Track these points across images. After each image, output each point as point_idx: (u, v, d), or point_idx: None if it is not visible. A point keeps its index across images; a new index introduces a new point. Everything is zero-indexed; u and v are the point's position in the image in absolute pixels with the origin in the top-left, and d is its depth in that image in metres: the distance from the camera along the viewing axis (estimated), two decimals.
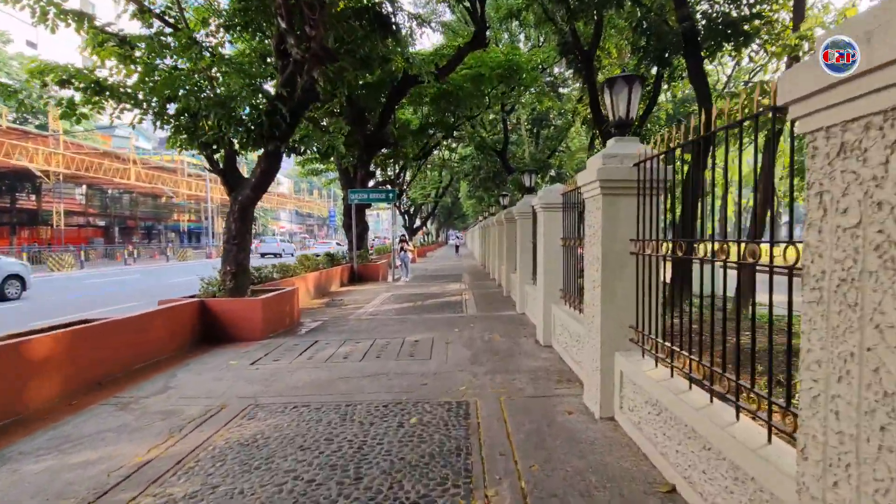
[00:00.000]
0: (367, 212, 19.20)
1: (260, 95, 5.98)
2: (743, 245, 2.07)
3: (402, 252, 15.02)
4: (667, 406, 2.70)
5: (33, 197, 34.49)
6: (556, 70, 22.05)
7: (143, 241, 46.77)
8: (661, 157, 3.04)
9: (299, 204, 64.10)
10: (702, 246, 2.44)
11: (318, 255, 14.15)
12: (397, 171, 18.08)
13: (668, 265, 5.97)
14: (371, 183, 18.66)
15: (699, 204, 3.10)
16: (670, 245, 2.87)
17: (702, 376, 2.50)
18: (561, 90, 22.91)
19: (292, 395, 4.32)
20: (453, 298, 10.83)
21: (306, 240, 57.72)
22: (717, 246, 2.25)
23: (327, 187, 20.83)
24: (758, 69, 23.17)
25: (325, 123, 13.16)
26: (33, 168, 23.29)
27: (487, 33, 12.26)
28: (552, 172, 23.23)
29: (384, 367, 5.16)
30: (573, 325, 4.82)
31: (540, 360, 5.34)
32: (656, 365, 3.08)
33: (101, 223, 41.84)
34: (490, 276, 16.15)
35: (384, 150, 16.65)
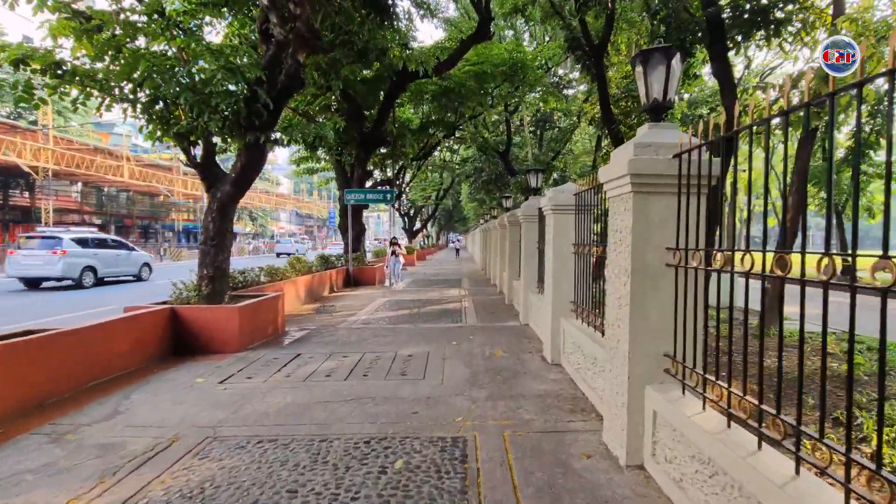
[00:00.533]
0: (368, 213, 18.59)
1: (238, 80, 5.34)
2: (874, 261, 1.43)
3: (394, 256, 13.71)
4: (726, 469, 2.06)
5: (27, 194, 33.97)
6: (560, 71, 21.53)
7: (140, 241, 46.33)
8: (718, 141, 2.40)
9: (298, 204, 63.55)
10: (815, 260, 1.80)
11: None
12: (396, 171, 17.46)
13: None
14: (369, 184, 18.06)
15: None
16: (753, 259, 2.22)
17: (781, 436, 1.86)
18: (566, 91, 22.38)
19: (259, 425, 3.67)
20: (452, 306, 10.19)
21: (305, 241, 57.01)
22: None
23: (324, 186, 20.10)
24: (767, 71, 22.58)
25: (320, 120, 12.55)
26: (21, 163, 22.69)
27: (491, 26, 11.66)
28: (555, 175, 22.65)
29: (370, 389, 4.51)
30: (588, 346, 4.18)
31: (548, 383, 4.69)
32: (704, 408, 2.44)
33: (98, 221, 41.38)
34: (490, 281, 15.51)
35: (383, 150, 16.05)
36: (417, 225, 38.52)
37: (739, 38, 6.62)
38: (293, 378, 4.92)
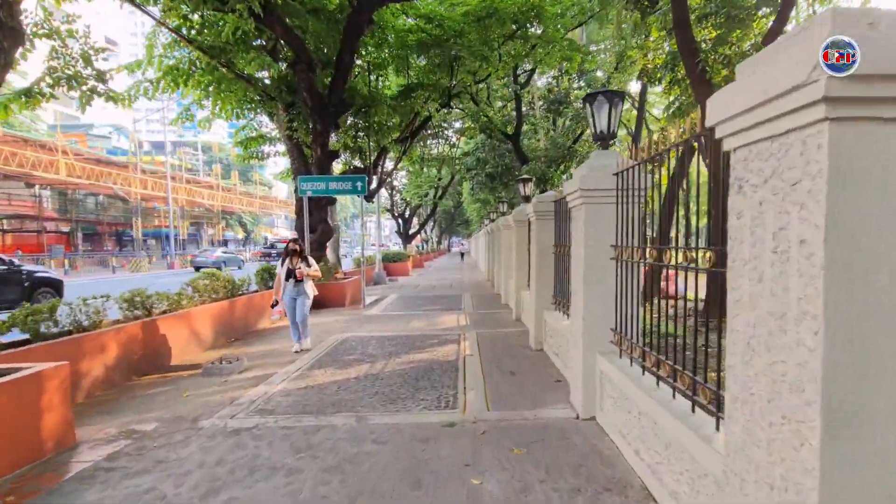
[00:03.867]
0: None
1: None
2: None
3: (292, 283, 6.24)
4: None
5: None
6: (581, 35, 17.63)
7: (116, 249, 42.46)
8: None
9: (288, 208, 59.90)
10: None
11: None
12: (376, 154, 13.44)
13: None
14: (339, 169, 14.09)
15: None
16: None
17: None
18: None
19: None
20: (443, 353, 6.15)
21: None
22: None
23: (285, 181, 15.91)
24: None
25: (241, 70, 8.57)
26: None
27: None
28: (570, 170, 18.63)
29: None
30: None
31: None
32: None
33: (65, 229, 37.60)
34: (502, 300, 11.49)
35: (352, 122, 12.07)
36: (415, 226, 34.51)
37: None
38: None
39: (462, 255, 40.69)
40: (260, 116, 11.95)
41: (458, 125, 24.74)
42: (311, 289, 6.35)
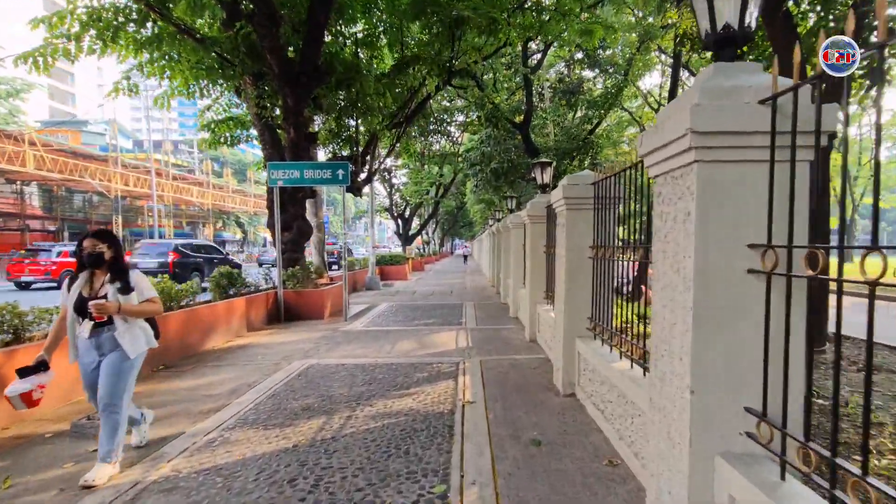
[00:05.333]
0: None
1: None
2: None
3: (88, 327, 2.86)
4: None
5: None
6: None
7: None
8: None
9: None
10: None
11: None
12: (366, 141, 11.64)
13: None
14: (322, 157, 12.33)
15: None
16: None
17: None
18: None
19: None
20: (434, 397, 4.36)
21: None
22: None
23: (260, 171, 13.86)
24: None
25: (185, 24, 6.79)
26: None
27: None
28: (586, 162, 16.87)
29: None
30: None
31: None
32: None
33: (52, 228, 36.06)
34: (510, 311, 9.69)
35: (343, 105, 10.32)
36: (415, 228, 32.74)
37: None
38: None
39: (465, 257, 40.86)
40: (230, 94, 10.22)
41: (461, 119, 23.10)
42: (137, 337, 3.01)
